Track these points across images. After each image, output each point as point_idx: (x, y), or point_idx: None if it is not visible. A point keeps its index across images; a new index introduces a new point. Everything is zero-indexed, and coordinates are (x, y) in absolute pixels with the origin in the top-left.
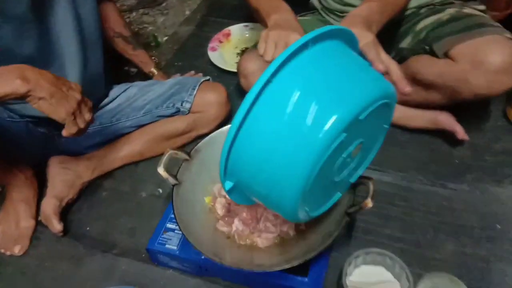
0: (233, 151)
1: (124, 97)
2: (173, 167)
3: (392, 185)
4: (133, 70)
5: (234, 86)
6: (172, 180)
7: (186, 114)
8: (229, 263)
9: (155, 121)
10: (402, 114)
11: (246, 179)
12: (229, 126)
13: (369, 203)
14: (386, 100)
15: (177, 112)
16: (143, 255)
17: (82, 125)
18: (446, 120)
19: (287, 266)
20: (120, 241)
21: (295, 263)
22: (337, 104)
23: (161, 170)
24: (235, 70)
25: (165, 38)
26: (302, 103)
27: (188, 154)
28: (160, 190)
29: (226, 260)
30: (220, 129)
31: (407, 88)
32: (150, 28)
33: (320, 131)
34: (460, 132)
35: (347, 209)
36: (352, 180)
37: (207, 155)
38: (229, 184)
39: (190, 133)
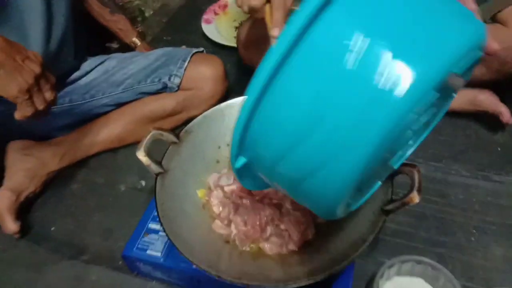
0: (260, 114)
1: (100, 70)
2: (158, 152)
3: (424, 177)
4: (115, 46)
5: (232, 63)
6: (155, 168)
7: (175, 91)
8: (229, 277)
9: (138, 99)
10: None
11: (270, 156)
12: (231, 101)
13: (415, 197)
14: (480, 51)
15: (164, 88)
16: (120, 263)
17: (40, 106)
18: (488, 100)
19: (308, 282)
20: (91, 244)
21: (320, 276)
22: (427, 48)
23: (141, 155)
24: (233, 44)
25: (152, 12)
26: (371, 45)
27: (177, 136)
28: (143, 183)
29: (224, 273)
30: (217, 106)
31: (494, 44)
32: (137, 2)
33: (402, 87)
34: (505, 114)
35: (384, 206)
36: (396, 165)
37: (201, 138)
38: (241, 160)
39: (180, 115)
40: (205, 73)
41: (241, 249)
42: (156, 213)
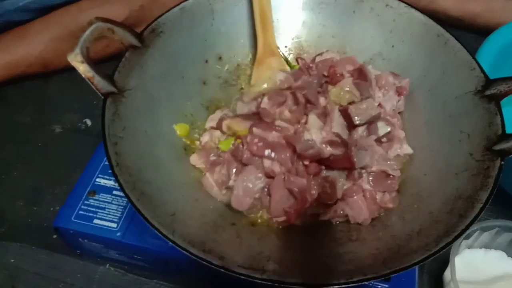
0: None
1: None
2: (106, 63)
3: None
4: None
5: None
6: (103, 85)
7: None
8: (244, 269)
9: (72, 1)
10: (483, 7)
11: None
12: None
13: None
14: None
15: None
16: (54, 238)
17: None
18: None
19: (387, 273)
20: (10, 211)
21: (403, 263)
22: None
23: (76, 59)
24: None
25: None
26: None
27: (139, 36)
28: (89, 122)
29: (233, 260)
30: None
31: None
32: None
33: None
34: None
35: (494, 144)
36: None
37: (177, 44)
38: None
39: (136, 29)
40: None
41: (252, 215)
42: (107, 163)
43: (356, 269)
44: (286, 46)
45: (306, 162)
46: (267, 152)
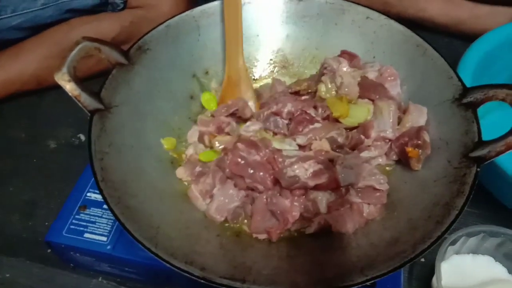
0: None
1: None
2: (93, 81)
3: None
4: None
5: None
6: (90, 102)
7: (120, 9)
8: (224, 279)
9: (65, 20)
10: (469, 14)
11: None
12: (207, 6)
13: None
14: None
15: (104, 5)
16: (48, 252)
17: None
18: None
19: (365, 281)
20: (5, 226)
21: (384, 269)
22: None
23: (63, 78)
24: None
25: None
26: None
27: (125, 54)
28: (82, 137)
29: (215, 272)
30: (188, 13)
31: None
32: None
33: None
34: None
35: (471, 151)
36: None
37: (164, 60)
38: None
39: (126, 46)
40: None
41: (236, 226)
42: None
43: (335, 276)
44: (271, 59)
45: None
46: (248, 172)
